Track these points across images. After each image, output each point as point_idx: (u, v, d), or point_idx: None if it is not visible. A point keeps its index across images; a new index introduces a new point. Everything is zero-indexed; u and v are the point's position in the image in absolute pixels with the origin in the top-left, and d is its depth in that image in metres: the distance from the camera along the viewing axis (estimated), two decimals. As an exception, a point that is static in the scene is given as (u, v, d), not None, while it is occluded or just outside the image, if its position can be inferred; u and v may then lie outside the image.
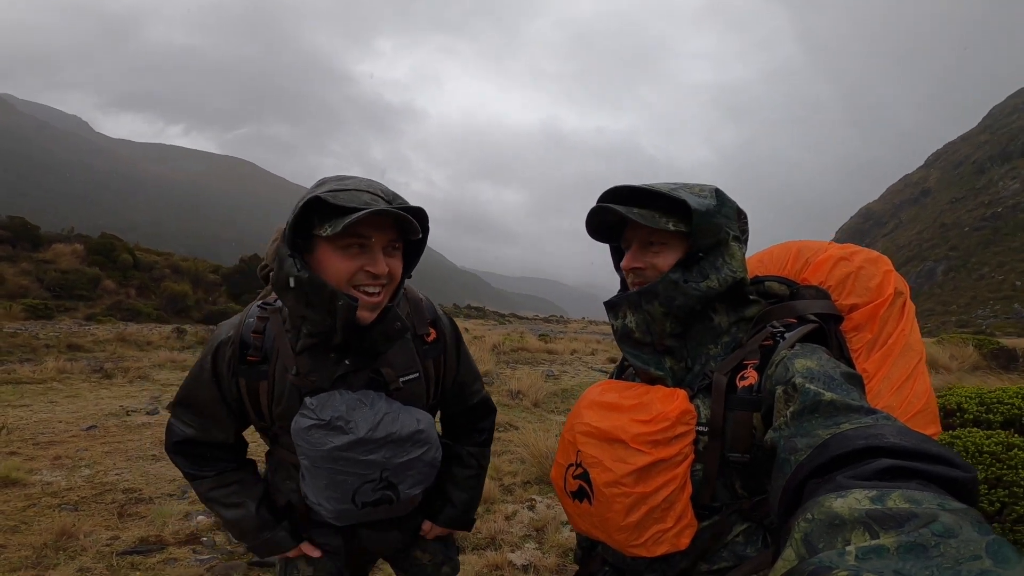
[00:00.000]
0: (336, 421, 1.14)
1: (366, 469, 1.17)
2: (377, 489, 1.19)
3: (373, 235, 1.11)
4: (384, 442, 1.17)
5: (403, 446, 1.19)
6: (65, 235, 22.85)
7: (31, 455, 4.65)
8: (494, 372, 10.10)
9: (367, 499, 1.19)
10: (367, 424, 1.15)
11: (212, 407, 1.24)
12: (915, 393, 0.97)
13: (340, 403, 1.16)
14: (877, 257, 1.10)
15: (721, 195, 1.06)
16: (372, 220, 1.09)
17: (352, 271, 1.11)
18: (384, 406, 1.19)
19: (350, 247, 1.11)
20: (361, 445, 1.15)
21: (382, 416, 1.17)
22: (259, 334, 1.22)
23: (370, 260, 1.12)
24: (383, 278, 1.14)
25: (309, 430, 1.14)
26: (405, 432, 1.19)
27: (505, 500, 4.06)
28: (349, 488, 1.17)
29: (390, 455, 1.18)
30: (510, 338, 16.44)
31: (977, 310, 54.47)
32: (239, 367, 1.21)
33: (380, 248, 1.13)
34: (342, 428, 1.14)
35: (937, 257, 72.61)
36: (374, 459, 1.16)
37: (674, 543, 0.96)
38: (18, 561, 2.85)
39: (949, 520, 0.48)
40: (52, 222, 41.88)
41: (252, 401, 1.23)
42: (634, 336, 1.06)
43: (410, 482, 1.23)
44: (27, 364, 9.03)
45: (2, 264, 16.97)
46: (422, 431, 1.22)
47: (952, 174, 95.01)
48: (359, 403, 1.17)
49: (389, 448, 1.18)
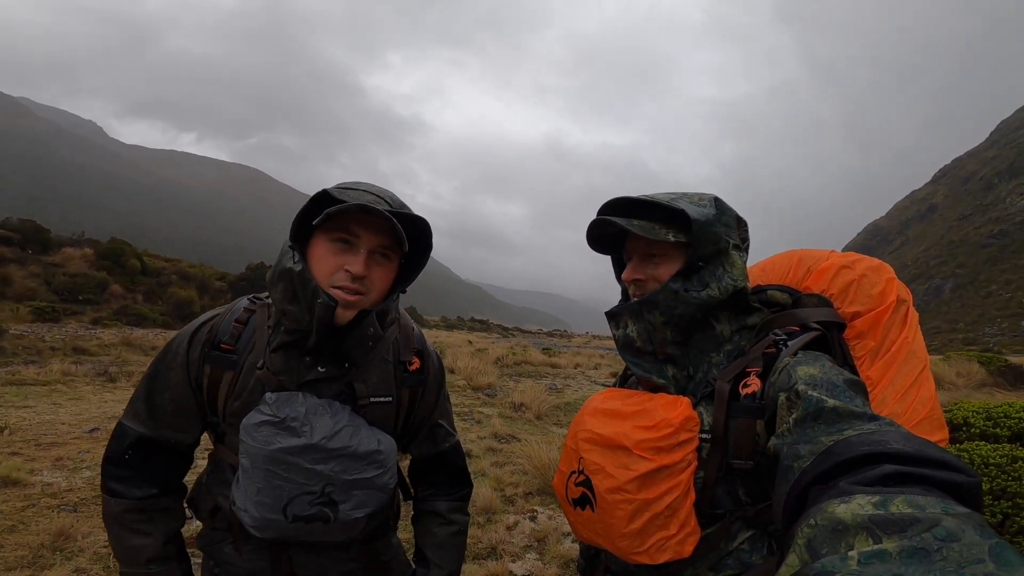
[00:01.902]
0: (291, 421, 1.07)
1: (308, 479, 1.07)
2: (315, 503, 1.08)
3: (361, 234, 1.09)
4: (336, 454, 1.09)
5: (357, 463, 1.11)
6: (75, 239, 23.07)
7: (33, 456, 4.66)
8: (497, 385, 10.08)
9: (300, 512, 1.08)
10: (323, 431, 1.08)
11: (176, 391, 1.16)
12: (920, 400, 0.97)
13: (301, 405, 1.09)
14: (879, 265, 1.10)
15: (721, 204, 1.06)
16: (361, 219, 1.08)
17: (334, 268, 1.09)
18: (346, 418, 1.12)
19: (336, 242, 1.09)
20: (311, 452, 1.07)
21: (341, 427, 1.10)
22: (240, 324, 1.18)
23: (352, 259, 1.08)
24: (362, 282, 1.09)
25: (259, 426, 1.07)
26: (362, 449, 1.11)
27: (507, 511, 4.03)
28: (283, 496, 1.07)
29: (340, 469, 1.09)
30: (514, 351, 16.42)
31: (984, 328, 54.03)
32: (210, 352, 1.16)
33: (366, 249, 1.09)
34: (295, 429, 1.07)
35: (944, 275, 72.22)
36: (320, 470, 1.08)
37: (677, 550, 0.95)
38: (14, 561, 2.85)
39: (952, 524, 0.48)
40: (63, 226, 42.33)
41: (210, 392, 1.16)
42: (636, 345, 1.06)
43: (353, 503, 1.12)
44: (32, 366, 9.08)
45: (11, 266, 17.13)
46: (380, 452, 1.14)
47: (959, 190, 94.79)
48: (321, 409, 1.11)
49: (340, 462, 1.09)
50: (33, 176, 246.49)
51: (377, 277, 1.12)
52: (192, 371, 1.16)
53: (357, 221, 1.08)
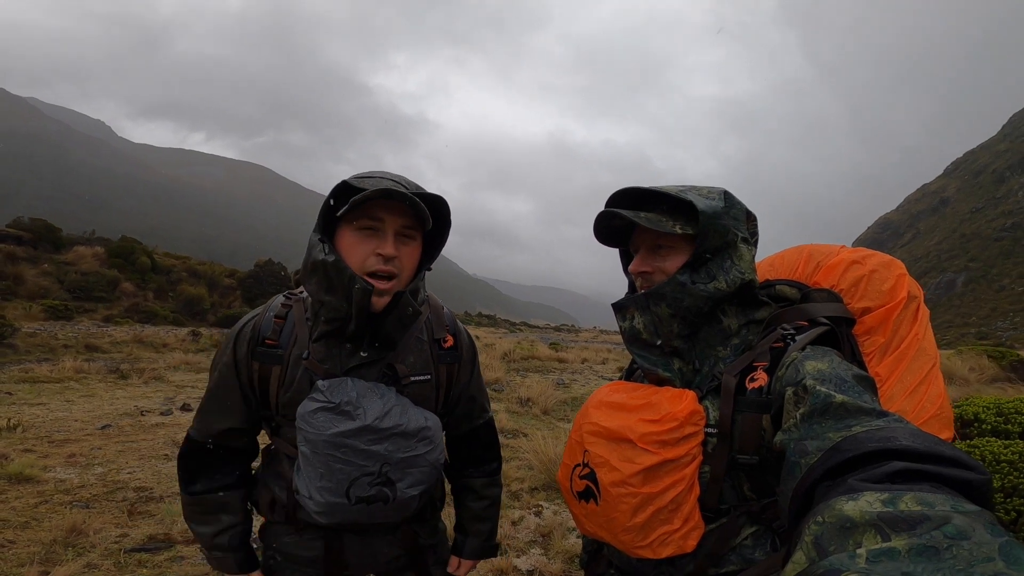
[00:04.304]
0: (345, 405, 1.12)
1: (367, 460, 1.13)
2: (374, 484, 1.15)
3: (385, 217, 1.13)
4: (389, 433, 1.14)
5: (408, 441, 1.17)
6: (86, 238, 23.30)
7: (46, 452, 4.73)
8: (504, 380, 10.09)
9: (362, 493, 1.14)
10: (375, 412, 1.13)
11: (229, 394, 1.24)
12: (929, 397, 0.96)
13: (351, 389, 1.15)
14: (890, 261, 1.09)
15: (730, 197, 1.05)
16: (384, 203, 1.12)
17: (366, 255, 1.13)
18: (394, 399, 1.18)
19: (364, 229, 1.14)
20: (367, 433, 1.12)
21: (391, 407, 1.16)
22: (280, 319, 1.25)
23: (381, 243, 1.14)
24: (394, 263, 1.14)
25: (315, 413, 1.12)
26: (412, 427, 1.17)
27: (512, 506, 4.04)
28: (345, 479, 1.13)
29: (393, 448, 1.15)
30: (521, 346, 16.43)
31: (997, 322, 53.41)
32: (256, 349, 1.23)
33: (392, 231, 1.14)
34: (349, 413, 1.12)
35: (957, 268, 71.41)
36: (377, 450, 1.13)
37: (680, 545, 0.94)
38: (26, 556, 2.89)
39: (962, 522, 0.47)
40: (74, 225, 42.78)
41: (262, 387, 1.23)
42: (642, 337, 1.06)
43: (409, 480, 1.18)
44: (45, 364, 9.20)
45: (23, 265, 17.34)
46: (429, 428, 1.20)
47: (971, 183, 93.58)
48: (370, 391, 1.16)
49: (393, 441, 1.15)
50: (43, 175, 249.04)
51: (405, 257, 1.17)
52: (241, 370, 1.23)
53: (380, 206, 1.13)
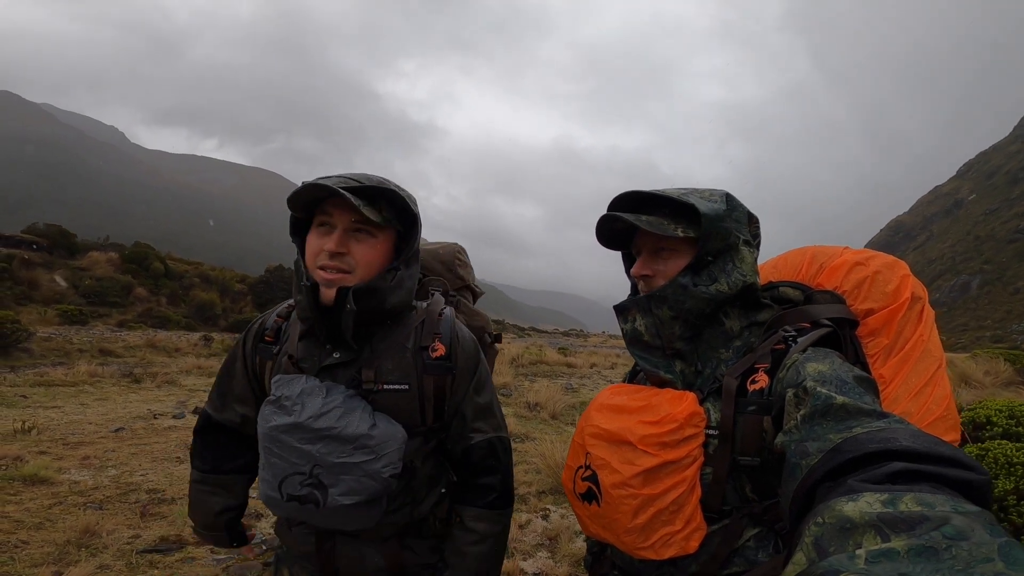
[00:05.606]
0: (284, 400, 1.13)
1: (299, 458, 1.10)
2: (305, 484, 1.11)
3: (334, 213, 1.14)
4: (323, 435, 1.10)
5: (344, 446, 1.10)
6: (100, 243, 23.63)
7: (60, 455, 4.79)
8: (513, 384, 10.09)
9: (293, 491, 1.11)
10: (311, 411, 1.10)
11: (240, 379, 1.33)
12: (934, 399, 0.95)
13: (298, 385, 1.14)
14: (894, 262, 1.08)
15: (731, 199, 1.05)
16: (336, 201, 1.13)
17: (316, 252, 1.15)
18: (340, 401, 1.13)
19: (320, 226, 1.16)
20: (299, 431, 1.10)
21: (330, 408, 1.11)
22: (281, 318, 1.31)
23: (328, 239, 1.14)
24: (344, 259, 1.13)
25: (265, 405, 1.16)
26: (349, 432, 1.10)
27: (519, 509, 4.03)
28: (279, 473, 1.12)
29: (327, 451, 1.10)
30: (529, 351, 16.40)
31: (1012, 324, 52.50)
32: (257, 345, 1.31)
33: (341, 227, 1.14)
34: (287, 408, 1.12)
35: (971, 271, 70.28)
36: (308, 450, 1.09)
37: (683, 546, 0.94)
38: (40, 557, 2.93)
39: (961, 523, 0.47)
40: (87, 230, 43.36)
41: (260, 379, 1.31)
42: (643, 339, 1.06)
43: (342, 488, 1.10)
44: (60, 368, 9.34)
45: (39, 270, 17.61)
46: (371, 437, 1.11)
47: (984, 185, 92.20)
48: (316, 390, 1.13)
49: (327, 443, 1.10)
50: (57, 182, 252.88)
51: (360, 253, 1.15)
52: (249, 362, 1.32)
53: (330, 204, 1.14)
